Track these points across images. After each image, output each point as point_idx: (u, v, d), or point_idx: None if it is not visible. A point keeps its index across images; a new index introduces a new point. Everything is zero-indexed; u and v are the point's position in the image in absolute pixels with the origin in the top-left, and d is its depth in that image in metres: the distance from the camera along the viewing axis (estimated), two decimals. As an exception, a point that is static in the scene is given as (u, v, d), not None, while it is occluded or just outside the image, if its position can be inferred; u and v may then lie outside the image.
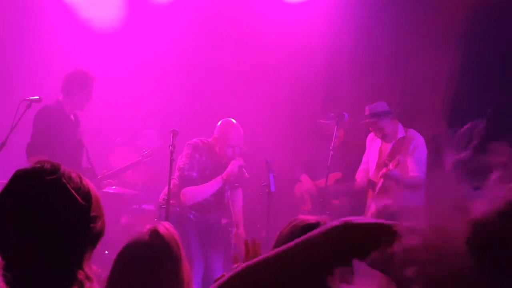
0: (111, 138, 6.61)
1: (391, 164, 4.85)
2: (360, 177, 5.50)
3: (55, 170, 1.57)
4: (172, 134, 4.58)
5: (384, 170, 4.93)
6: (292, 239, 1.88)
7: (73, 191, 1.55)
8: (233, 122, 4.96)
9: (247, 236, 4.84)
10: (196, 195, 4.83)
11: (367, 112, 5.22)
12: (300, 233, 1.86)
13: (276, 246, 1.95)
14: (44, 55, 6.56)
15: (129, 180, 6.11)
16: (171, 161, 4.48)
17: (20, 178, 1.58)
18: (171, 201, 4.58)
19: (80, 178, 1.60)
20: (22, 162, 5.14)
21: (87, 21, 6.83)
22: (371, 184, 5.28)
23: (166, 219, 4.40)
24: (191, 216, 4.95)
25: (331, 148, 5.25)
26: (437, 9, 6.09)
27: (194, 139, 4.95)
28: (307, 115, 6.42)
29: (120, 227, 5.83)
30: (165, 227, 2.35)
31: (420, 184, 5.00)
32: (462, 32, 5.93)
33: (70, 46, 6.64)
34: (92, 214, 1.57)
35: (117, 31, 6.84)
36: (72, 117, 5.37)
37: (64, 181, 1.55)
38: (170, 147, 4.53)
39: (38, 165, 1.58)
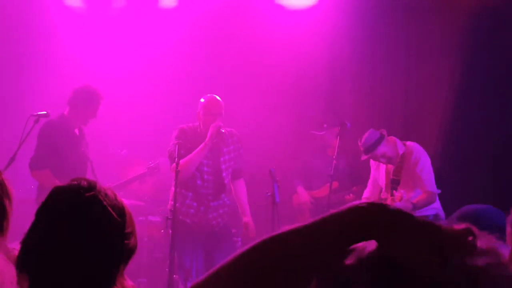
0: (117, 151, 6.68)
1: (396, 197, 4.86)
2: (366, 197, 5.48)
3: (91, 187, 1.60)
4: (177, 146, 4.65)
5: (389, 200, 4.93)
6: None
7: (109, 207, 1.58)
8: (211, 94, 5.12)
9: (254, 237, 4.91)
10: (186, 163, 4.80)
11: (362, 149, 5.20)
12: None
13: None
14: (51, 69, 6.63)
15: (135, 192, 6.17)
16: (177, 172, 4.55)
17: (58, 195, 1.61)
18: (177, 204, 4.68)
19: (115, 195, 1.64)
20: (30, 176, 5.23)
21: (95, 34, 6.89)
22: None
23: (173, 230, 4.47)
24: (192, 222, 5.00)
25: (334, 157, 5.31)
26: (439, 16, 6.14)
27: (180, 125, 5.11)
28: (307, 125, 6.48)
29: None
30: None
31: (433, 198, 5.02)
32: (464, 40, 5.98)
33: (77, 60, 6.71)
34: (127, 230, 1.61)
35: (125, 43, 6.90)
36: (76, 131, 5.44)
37: (101, 198, 1.58)
38: (176, 159, 4.60)
39: (75, 182, 1.61)
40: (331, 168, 5.30)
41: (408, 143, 5.24)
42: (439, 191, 5.11)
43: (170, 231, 4.50)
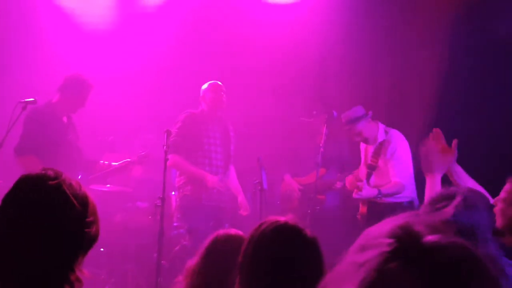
0: (104, 137, 6.68)
1: (360, 187, 4.96)
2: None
3: (56, 176, 1.70)
4: (166, 134, 4.68)
5: (354, 192, 5.02)
6: (264, 242, 2.00)
7: (71, 196, 1.67)
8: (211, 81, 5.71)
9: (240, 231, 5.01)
10: (178, 168, 5.53)
11: (343, 120, 5.28)
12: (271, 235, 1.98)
13: (248, 247, 2.01)
14: (38, 57, 6.60)
15: (123, 178, 6.17)
16: (165, 160, 4.57)
17: (24, 182, 1.70)
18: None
19: (80, 186, 1.73)
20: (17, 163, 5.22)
21: (82, 22, 6.86)
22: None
23: (161, 216, 4.51)
24: (205, 203, 5.39)
25: (321, 145, 5.36)
26: (427, 6, 6.19)
27: (189, 110, 5.66)
28: (296, 112, 6.52)
29: (114, 225, 5.91)
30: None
31: (400, 189, 5.09)
32: (450, 29, 6.04)
33: (65, 47, 6.67)
34: (88, 219, 1.69)
35: (112, 32, 6.89)
36: (64, 118, 5.43)
37: (64, 187, 1.68)
38: (164, 146, 4.62)
39: (42, 172, 1.72)
40: (318, 156, 5.36)
41: (391, 131, 5.29)
42: (413, 182, 5.17)
43: (159, 218, 4.54)
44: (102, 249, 5.72)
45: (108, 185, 5.81)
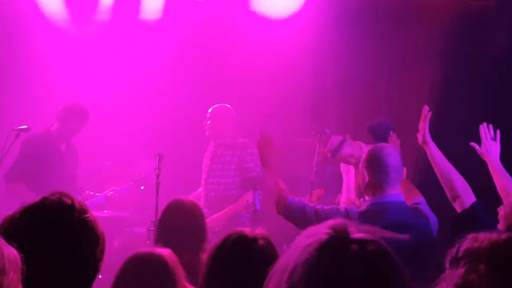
0: (101, 162, 6.66)
1: (359, 204, 4.97)
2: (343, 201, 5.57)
3: (84, 210, 1.70)
4: (157, 157, 4.66)
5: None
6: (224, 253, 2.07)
7: (97, 230, 1.70)
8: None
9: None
10: None
11: (328, 154, 5.27)
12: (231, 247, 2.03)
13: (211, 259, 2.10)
14: (32, 83, 6.63)
15: (119, 203, 6.15)
16: (157, 183, 4.55)
17: (48, 211, 1.69)
18: None
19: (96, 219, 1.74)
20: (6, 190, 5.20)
21: (76, 44, 6.87)
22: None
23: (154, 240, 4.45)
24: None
25: (314, 164, 5.33)
26: (422, 23, 6.19)
27: None
28: (293, 132, 6.50)
29: (112, 251, 5.85)
30: None
31: None
32: (447, 46, 6.04)
33: (59, 73, 6.69)
34: (100, 253, 1.72)
35: (106, 53, 6.90)
36: (63, 147, 5.43)
37: (90, 222, 1.69)
38: (156, 170, 4.60)
39: (69, 202, 1.69)
40: (315, 176, 5.34)
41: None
42: None
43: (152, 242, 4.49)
44: (100, 276, 5.66)
45: (105, 211, 5.78)
